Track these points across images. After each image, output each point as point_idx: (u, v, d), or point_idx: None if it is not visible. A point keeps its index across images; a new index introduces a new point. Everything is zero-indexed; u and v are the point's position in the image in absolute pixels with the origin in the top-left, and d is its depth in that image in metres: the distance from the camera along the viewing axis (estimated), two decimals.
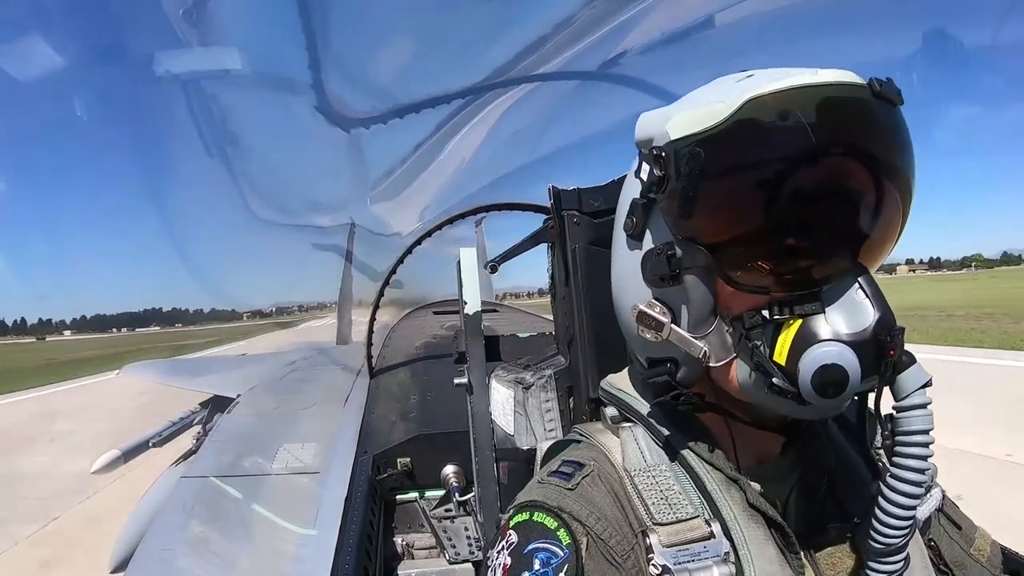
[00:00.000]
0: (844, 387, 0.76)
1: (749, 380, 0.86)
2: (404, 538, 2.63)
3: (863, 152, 0.79)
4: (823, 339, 0.77)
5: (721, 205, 0.82)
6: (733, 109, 0.79)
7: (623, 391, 1.10)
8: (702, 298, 0.87)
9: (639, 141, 0.92)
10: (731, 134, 0.79)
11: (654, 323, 0.90)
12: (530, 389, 1.50)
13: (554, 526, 0.88)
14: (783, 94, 0.78)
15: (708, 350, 0.87)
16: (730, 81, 0.86)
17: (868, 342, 0.76)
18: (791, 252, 0.81)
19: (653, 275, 0.90)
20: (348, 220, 7.51)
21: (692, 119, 0.82)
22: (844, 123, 0.79)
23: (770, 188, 0.78)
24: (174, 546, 2.30)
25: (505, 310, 6.13)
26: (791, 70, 0.82)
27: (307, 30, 4.62)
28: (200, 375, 5.63)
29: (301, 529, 2.34)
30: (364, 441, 2.85)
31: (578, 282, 1.40)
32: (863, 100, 0.80)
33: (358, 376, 3.86)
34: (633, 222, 0.95)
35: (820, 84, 0.79)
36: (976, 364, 14.72)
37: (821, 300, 0.80)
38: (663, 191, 0.86)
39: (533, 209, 2.75)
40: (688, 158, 0.82)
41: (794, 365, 0.78)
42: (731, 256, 0.83)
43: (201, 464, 3.04)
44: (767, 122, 0.78)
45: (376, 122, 5.02)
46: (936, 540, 1.10)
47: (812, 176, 0.78)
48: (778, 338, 0.81)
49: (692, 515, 0.91)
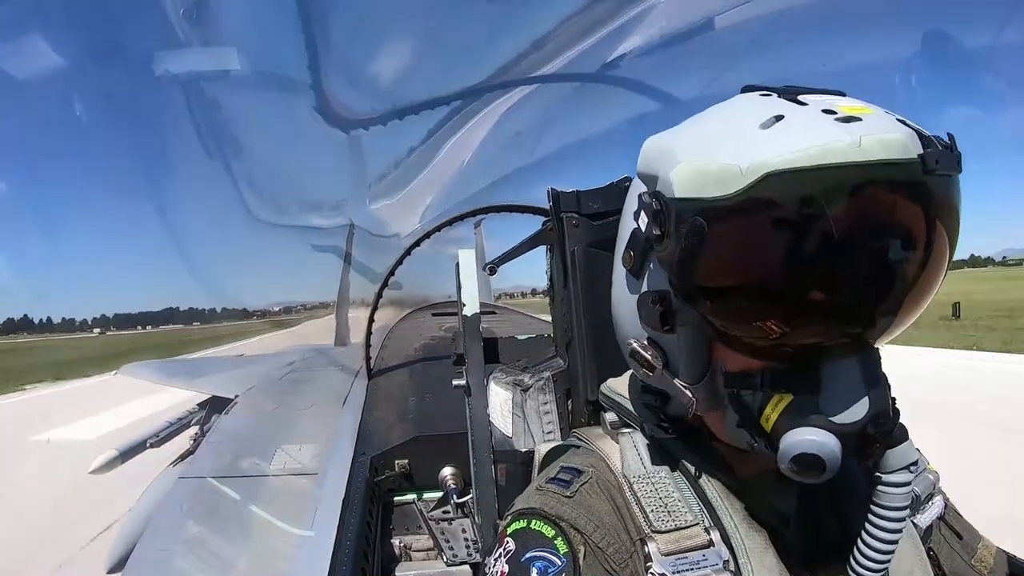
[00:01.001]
0: (821, 473, 0.74)
1: (735, 431, 0.84)
2: (402, 540, 2.63)
3: (900, 249, 0.71)
4: (811, 424, 0.74)
5: (721, 279, 0.76)
6: (748, 182, 0.69)
7: (623, 396, 1.09)
8: (696, 352, 0.85)
9: (641, 174, 0.85)
10: (741, 212, 0.70)
11: (646, 363, 0.89)
12: (528, 391, 1.50)
13: (552, 534, 0.88)
14: (810, 174, 0.67)
15: (696, 400, 0.86)
16: (752, 123, 0.74)
17: (855, 435, 0.74)
18: (795, 331, 0.76)
19: (647, 321, 0.87)
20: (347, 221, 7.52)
21: (700, 178, 0.73)
22: (881, 220, 0.69)
23: (777, 278, 0.72)
24: (171, 546, 2.29)
25: (504, 312, 6.12)
26: (826, 121, 0.70)
27: (307, 31, 4.62)
28: (198, 376, 5.61)
29: (298, 530, 2.33)
30: (362, 442, 2.84)
31: (576, 284, 1.40)
32: (909, 185, 0.69)
33: (356, 377, 3.85)
34: (631, 257, 0.90)
35: (858, 164, 0.66)
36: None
37: (819, 378, 0.76)
38: (661, 246, 0.80)
39: (532, 211, 2.75)
40: (689, 225, 0.74)
41: (777, 438, 0.76)
42: (728, 322, 0.79)
43: (199, 465, 3.04)
44: (786, 207, 0.68)
45: (375, 123, 5.03)
46: (936, 550, 1.09)
47: (830, 277, 0.70)
48: (767, 405, 0.78)
49: (691, 523, 0.90)
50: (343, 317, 7.85)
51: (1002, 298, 38.51)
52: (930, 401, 9.07)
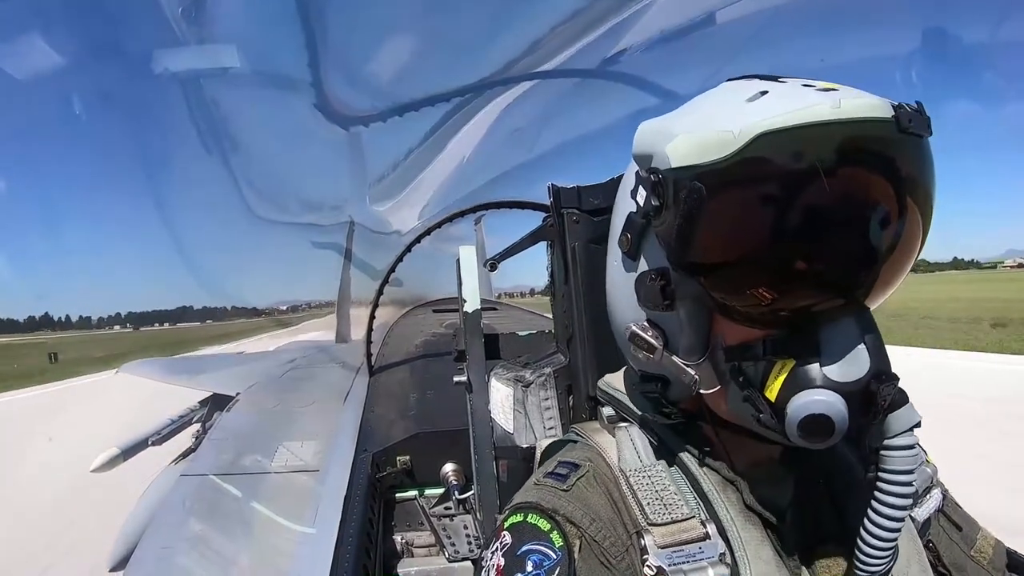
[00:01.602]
0: (829, 435, 0.75)
1: (739, 407, 0.85)
2: (403, 536, 2.63)
3: (880, 203, 0.75)
4: (815, 385, 0.76)
5: (720, 244, 0.79)
6: (741, 143, 0.73)
7: (620, 391, 1.10)
8: (696, 327, 0.86)
9: (637, 155, 0.86)
10: (737, 172, 0.73)
11: (646, 345, 0.90)
12: (529, 387, 1.50)
13: (547, 528, 0.88)
14: (798, 132, 0.72)
15: (699, 378, 0.87)
16: (740, 98, 0.79)
17: (860, 392, 0.75)
18: (791, 294, 0.78)
19: (647, 299, 0.89)
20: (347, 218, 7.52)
21: (695, 146, 0.76)
22: (864, 172, 0.74)
23: (773, 233, 0.74)
24: (173, 544, 2.30)
25: (504, 308, 6.13)
26: (808, 93, 0.75)
27: (306, 28, 4.61)
28: (199, 373, 5.62)
29: (301, 527, 2.34)
30: (364, 439, 2.85)
31: (577, 280, 1.39)
32: (887, 140, 0.74)
33: (357, 374, 3.86)
34: (628, 239, 0.91)
35: (841, 121, 0.71)
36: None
37: (818, 342, 0.78)
38: (659, 219, 0.82)
39: (532, 207, 2.75)
40: (688, 192, 0.77)
41: (782, 405, 0.77)
42: (728, 291, 0.81)
43: (200, 462, 3.04)
44: (778, 164, 0.72)
45: (376, 120, 5.02)
46: (935, 541, 1.09)
47: (822, 226, 0.74)
48: (770, 375, 0.79)
49: (688, 516, 0.90)
50: (344, 314, 7.86)
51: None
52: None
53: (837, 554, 0.94)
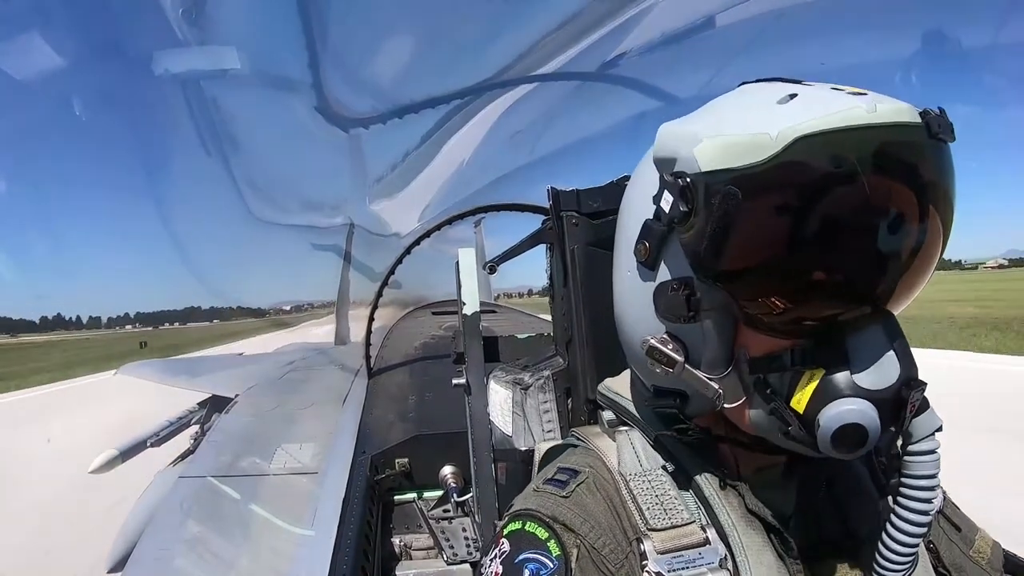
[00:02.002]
0: (863, 444, 0.74)
1: (764, 421, 0.83)
2: (402, 539, 2.63)
3: (916, 205, 0.74)
4: (846, 395, 0.74)
5: (755, 251, 0.76)
6: (780, 147, 0.71)
7: (620, 395, 1.09)
8: (721, 340, 0.83)
9: (659, 159, 0.83)
10: (775, 175, 0.72)
11: (666, 360, 0.87)
12: (528, 390, 1.50)
13: (545, 536, 0.88)
14: (837, 135, 0.71)
15: (722, 391, 0.85)
16: (768, 101, 0.78)
17: (891, 400, 0.74)
18: (823, 301, 0.77)
19: (667, 311, 0.86)
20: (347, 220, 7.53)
21: (728, 150, 0.74)
22: (901, 176, 0.73)
23: (811, 239, 0.73)
24: (171, 546, 2.30)
25: (504, 311, 6.12)
26: (841, 96, 0.74)
27: (307, 30, 4.62)
28: (198, 375, 5.61)
29: (299, 529, 2.34)
30: (362, 441, 2.85)
31: (576, 283, 1.40)
32: (921, 146, 0.73)
33: (356, 376, 3.85)
34: (646, 248, 0.88)
35: (878, 126, 0.71)
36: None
37: (846, 350, 0.76)
38: (687, 226, 0.79)
39: (532, 210, 2.75)
40: (722, 196, 0.74)
41: (812, 416, 0.76)
42: (758, 300, 0.79)
43: (199, 464, 3.03)
44: (817, 167, 0.71)
45: (375, 122, 5.03)
46: (935, 542, 1.09)
47: (859, 231, 0.73)
48: (797, 386, 0.78)
49: (687, 520, 0.90)
50: (343, 316, 7.86)
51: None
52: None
53: (840, 559, 0.94)
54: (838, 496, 0.98)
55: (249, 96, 5.71)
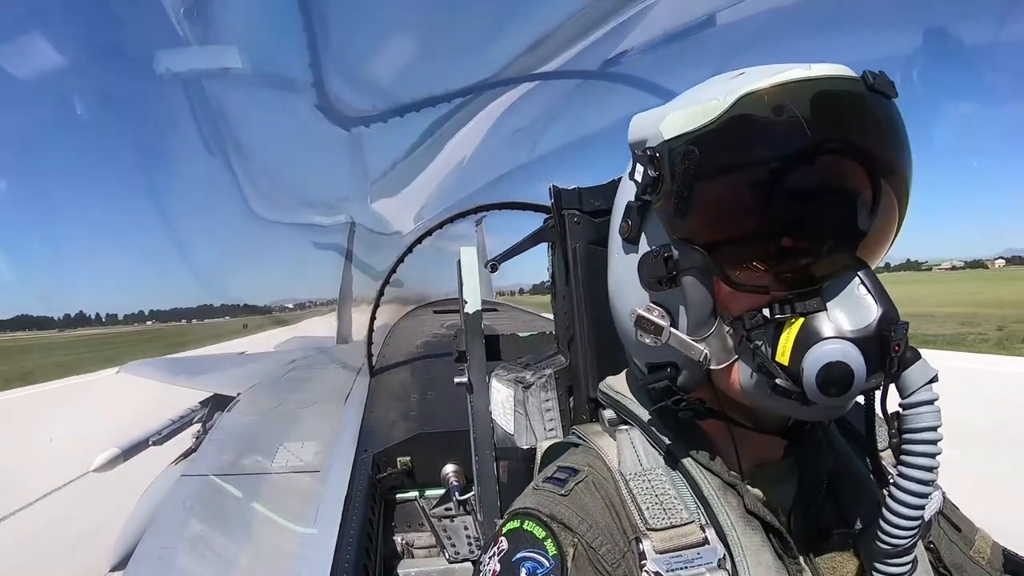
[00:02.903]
0: (849, 385, 0.74)
1: (751, 382, 0.84)
2: (404, 537, 2.63)
3: (859, 147, 0.78)
4: (826, 337, 0.76)
5: (717, 204, 0.81)
6: (727, 106, 0.78)
7: (621, 394, 1.09)
8: (701, 300, 0.86)
9: (632, 143, 0.90)
10: (725, 131, 0.78)
11: (653, 327, 0.89)
12: (530, 388, 1.50)
13: (542, 536, 0.88)
14: (777, 89, 0.77)
15: (708, 353, 0.86)
16: (723, 79, 0.85)
17: (872, 338, 0.75)
18: (789, 249, 0.80)
19: (650, 278, 0.89)
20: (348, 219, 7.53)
21: (685, 117, 0.81)
22: (839, 117, 0.78)
23: (766, 185, 0.77)
24: (174, 544, 2.30)
25: (505, 309, 6.13)
26: (783, 66, 0.80)
27: (308, 29, 4.62)
28: (200, 374, 5.62)
29: (301, 528, 2.34)
30: (364, 440, 2.85)
31: (578, 281, 1.39)
32: (858, 94, 0.78)
33: (358, 375, 3.86)
34: (628, 225, 0.93)
35: (814, 78, 0.77)
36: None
37: (822, 297, 0.78)
38: (658, 192, 0.84)
39: (533, 208, 2.75)
40: (682, 157, 0.80)
41: (797, 364, 0.77)
42: (729, 255, 0.82)
43: (201, 462, 3.04)
44: (761, 118, 0.77)
45: (377, 120, 5.03)
46: (936, 543, 1.09)
47: (808, 172, 0.77)
48: (780, 338, 0.79)
49: (687, 520, 0.90)
50: (345, 314, 7.87)
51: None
52: None
53: (841, 556, 0.93)
54: (837, 491, 0.98)
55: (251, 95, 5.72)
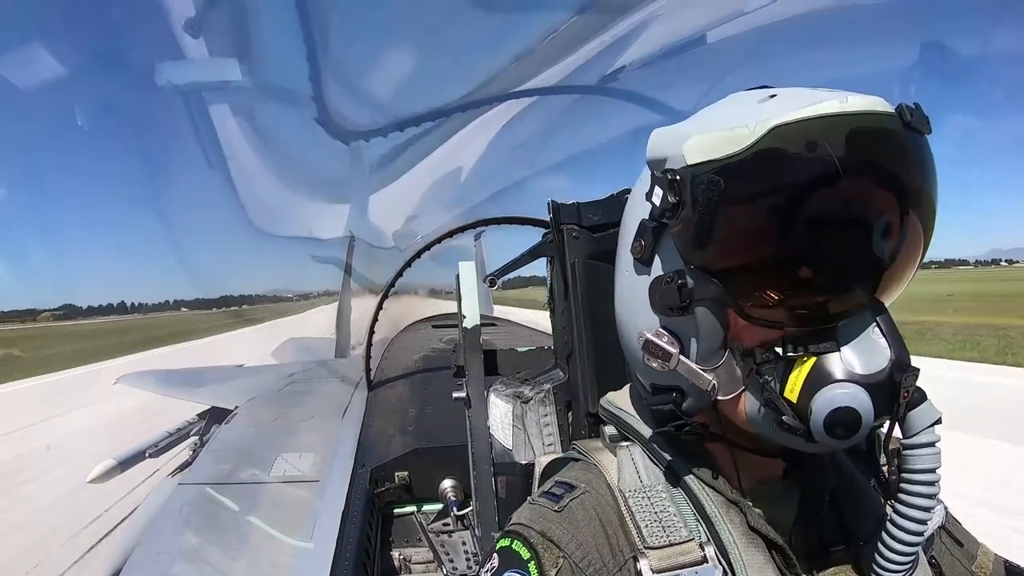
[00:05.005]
0: (856, 429, 0.74)
1: (758, 414, 0.84)
2: (401, 552, 2.62)
3: (891, 188, 0.76)
4: (837, 379, 0.75)
5: (739, 237, 0.78)
6: (757, 136, 0.75)
7: (622, 410, 1.09)
8: (713, 330, 0.84)
9: (651, 160, 0.86)
10: (754, 163, 0.75)
11: (661, 353, 0.88)
12: (529, 403, 1.50)
13: (527, 557, 0.89)
14: (810, 123, 0.74)
15: (716, 383, 0.85)
16: (751, 101, 0.81)
17: (883, 384, 0.74)
18: (809, 288, 0.78)
19: (662, 304, 0.87)
20: (347, 233, 7.54)
21: (711, 143, 0.78)
22: (874, 158, 0.75)
23: (791, 222, 0.74)
24: (169, 551, 2.29)
25: (504, 324, 6.13)
26: (816, 92, 0.78)
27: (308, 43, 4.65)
28: (198, 386, 5.60)
29: (298, 542, 2.33)
30: (362, 454, 2.84)
31: (577, 296, 1.40)
32: (893, 132, 0.75)
33: (356, 389, 3.85)
34: (642, 245, 0.91)
35: (850, 113, 0.74)
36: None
37: (836, 337, 0.77)
38: (676, 218, 0.81)
39: (532, 223, 2.76)
40: (706, 186, 0.77)
41: (805, 404, 0.76)
42: (746, 289, 0.80)
43: (198, 472, 3.03)
44: (793, 153, 0.74)
45: (377, 135, 5.04)
46: (937, 558, 1.08)
47: (837, 212, 0.75)
48: (790, 374, 0.78)
49: (686, 538, 0.90)
50: (344, 328, 7.86)
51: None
52: None
53: (844, 572, 0.93)
54: (840, 508, 0.98)
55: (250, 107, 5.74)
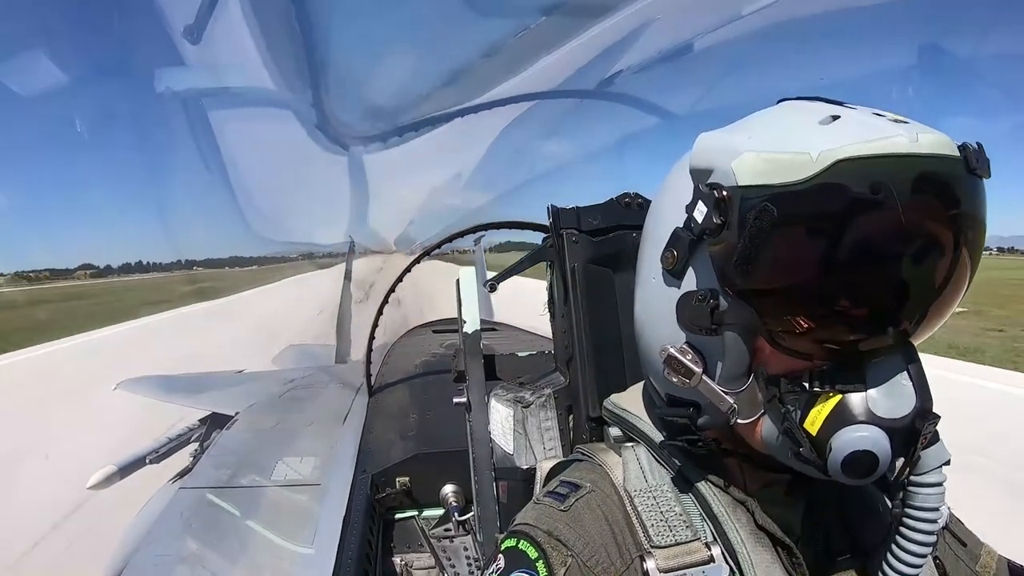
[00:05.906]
0: (872, 472, 0.74)
1: (775, 441, 0.83)
2: (403, 558, 2.61)
3: (948, 239, 0.73)
4: (860, 421, 0.75)
5: (784, 268, 0.76)
6: (819, 168, 0.71)
7: (628, 411, 1.09)
8: (740, 356, 0.83)
9: (695, 169, 0.82)
10: (812, 197, 0.71)
11: (684, 370, 0.86)
12: (529, 408, 1.50)
13: (534, 556, 0.88)
14: (878, 162, 0.71)
15: (737, 406, 0.85)
16: (810, 121, 0.78)
17: (905, 429, 0.74)
18: (848, 324, 0.76)
19: (691, 322, 0.86)
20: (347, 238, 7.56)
21: (767, 166, 0.74)
22: (937, 206, 0.73)
23: (843, 261, 0.72)
24: (169, 555, 2.29)
25: (504, 329, 6.13)
26: (883, 123, 0.74)
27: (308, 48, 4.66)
28: (198, 392, 5.58)
29: (299, 548, 2.33)
30: (363, 460, 2.84)
31: (577, 300, 1.40)
32: (958, 178, 0.73)
33: (357, 394, 3.85)
34: (674, 256, 0.87)
35: (919, 156, 0.71)
36: None
37: (864, 377, 0.77)
38: (718, 237, 0.78)
39: (532, 227, 2.76)
40: (757, 212, 0.74)
41: (825, 439, 0.76)
42: (782, 320, 0.78)
43: (198, 477, 3.03)
44: (856, 192, 0.70)
45: (376, 141, 5.05)
46: (941, 558, 1.08)
47: (891, 255, 0.73)
48: (812, 408, 0.78)
49: (691, 538, 0.90)
50: (344, 333, 7.85)
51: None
52: None
53: (848, 574, 0.94)
54: (846, 511, 0.98)
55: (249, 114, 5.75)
